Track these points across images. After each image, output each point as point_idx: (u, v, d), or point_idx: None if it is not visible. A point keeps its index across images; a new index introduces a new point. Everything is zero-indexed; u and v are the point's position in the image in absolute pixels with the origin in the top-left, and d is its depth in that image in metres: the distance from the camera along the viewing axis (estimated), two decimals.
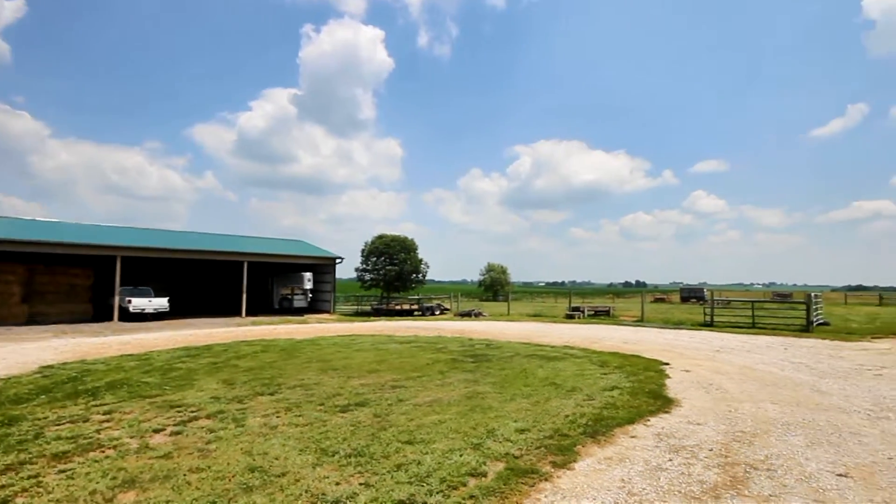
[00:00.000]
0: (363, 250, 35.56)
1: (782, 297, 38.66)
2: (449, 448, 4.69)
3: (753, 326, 17.64)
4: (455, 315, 26.18)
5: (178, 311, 25.21)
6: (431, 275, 38.10)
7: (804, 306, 17.55)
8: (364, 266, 35.38)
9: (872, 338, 14.68)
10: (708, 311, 19.19)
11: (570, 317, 22.40)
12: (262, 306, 30.80)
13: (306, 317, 25.33)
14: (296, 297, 28.82)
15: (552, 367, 9.08)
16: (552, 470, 4.18)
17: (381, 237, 35.32)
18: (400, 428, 5.34)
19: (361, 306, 33.28)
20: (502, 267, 61.01)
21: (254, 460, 4.40)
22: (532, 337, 14.64)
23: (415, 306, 28.33)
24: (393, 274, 33.70)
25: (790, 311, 20.28)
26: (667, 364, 9.52)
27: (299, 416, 5.89)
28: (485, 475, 4.05)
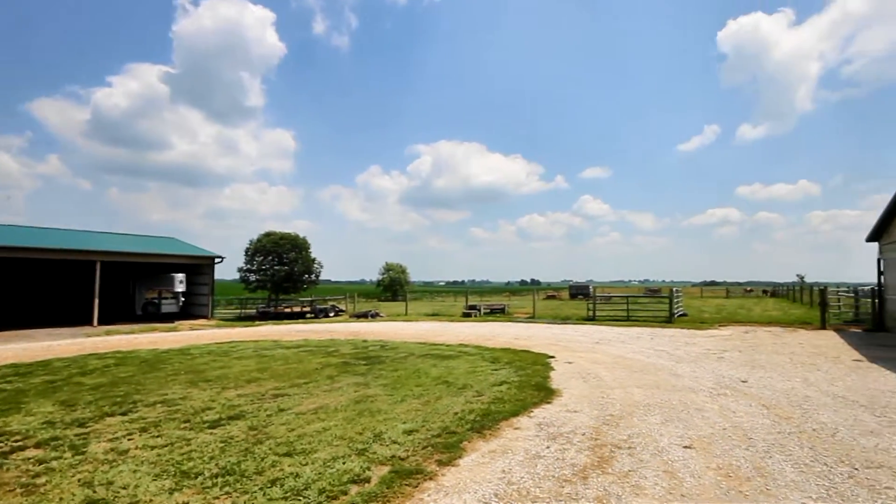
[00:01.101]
0: (248, 249, 32.98)
1: (653, 292, 44.57)
2: (332, 456, 4.54)
3: (628, 319, 20.07)
4: (351, 317, 25.58)
5: (10, 321, 20.92)
6: (327, 275, 36.80)
7: (668, 300, 20.43)
8: (248, 266, 32.84)
9: (719, 326, 17.62)
10: (591, 306, 21.39)
11: (466, 315, 23.26)
12: (122, 313, 26.89)
13: (177, 323, 22.71)
14: (164, 301, 25.67)
15: (446, 365, 9.32)
16: (437, 468, 4.27)
17: (268, 235, 33.08)
18: (278, 440, 5.03)
19: (246, 310, 30.81)
20: (402, 266, 61.20)
21: (94, 492, 3.81)
22: (428, 337, 14.89)
23: (307, 308, 27.05)
24: (282, 274, 31.79)
25: (657, 305, 23.47)
26: (552, 357, 10.36)
27: (157, 436, 5.24)
28: (368, 481, 3.99)
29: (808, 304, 28.00)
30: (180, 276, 25.53)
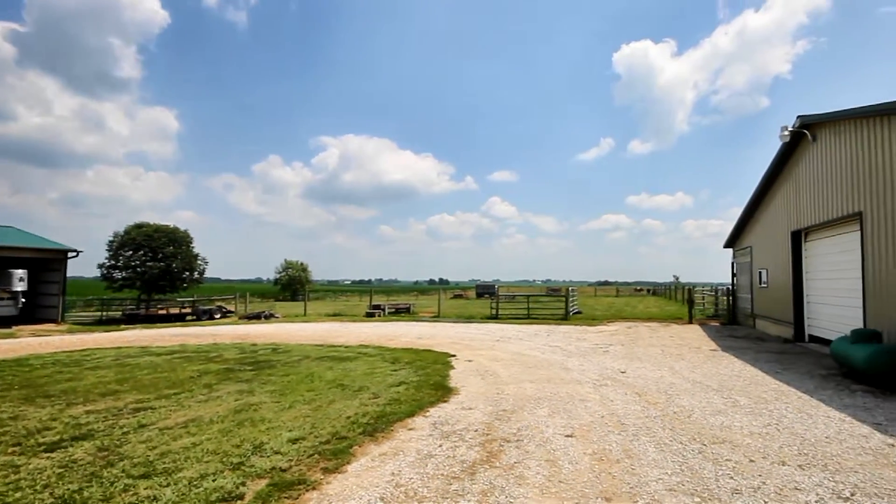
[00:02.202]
0: (112, 242, 29.06)
1: (554, 291, 47.95)
2: (200, 474, 4.17)
3: (528, 317, 21.36)
4: (241, 318, 23.81)
5: None
6: (216, 272, 34.00)
7: (564, 299, 22.12)
8: (113, 262, 28.94)
9: (608, 322, 19.50)
10: (494, 305, 22.39)
11: (370, 315, 22.98)
12: None
13: (15, 329, 19.28)
14: None
15: (343, 367, 9.09)
16: (322, 477, 4.13)
17: (139, 227, 29.46)
18: (135, 460, 4.49)
19: (109, 312, 27.12)
20: (303, 264, 58.63)
21: None
22: (327, 338, 14.43)
23: (187, 310, 24.63)
24: (157, 272, 28.54)
25: (555, 303, 25.29)
26: (453, 356, 10.64)
27: None
28: (241, 497, 3.72)
29: (680, 301, 32.22)
30: (20, 273, 21.66)
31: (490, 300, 24.91)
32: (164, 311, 24.82)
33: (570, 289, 24.28)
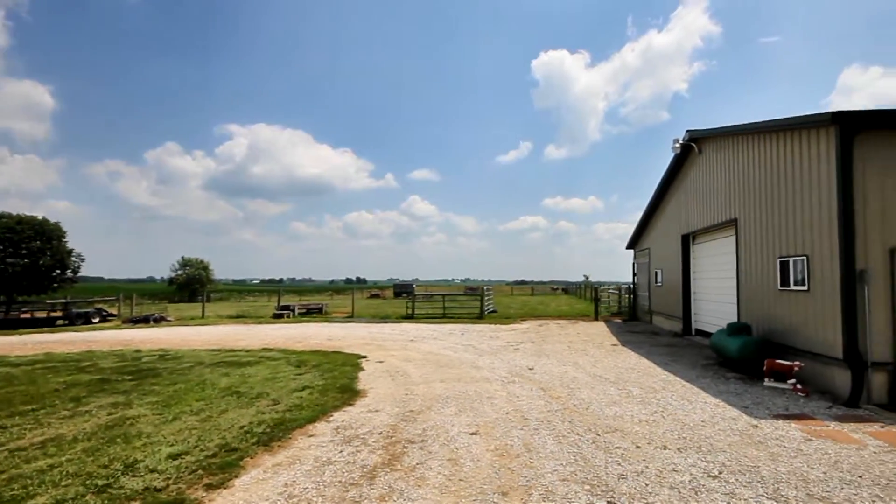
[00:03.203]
0: None
1: (472, 290, 49.17)
2: (56, 500, 3.65)
3: (444, 316, 21.64)
4: (125, 322, 21.43)
5: None
6: (98, 271, 30.34)
7: (479, 298, 22.72)
8: None
9: (521, 320, 20.33)
10: (410, 304, 22.39)
11: (278, 316, 21.88)
12: None
13: None
14: None
15: (241, 373, 8.52)
16: (204, 494, 3.81)
17: None
18: None
19: None
20: (203, 262, 54.26)
21: None
22: (227, 342, 13.47)
23: (58, 313, 21.67)
24: (19, 269, 24.79)
25: (472, 302, 25.89)
26: (364, 357, 10.44)
27: None
28: None
29: (590, 299, 34.61)
30: None
31: (407, 300, 24.88)
32: (27, 315, 21.60)
33: (485, 288, 25.00)
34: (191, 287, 50.88)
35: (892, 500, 3.76)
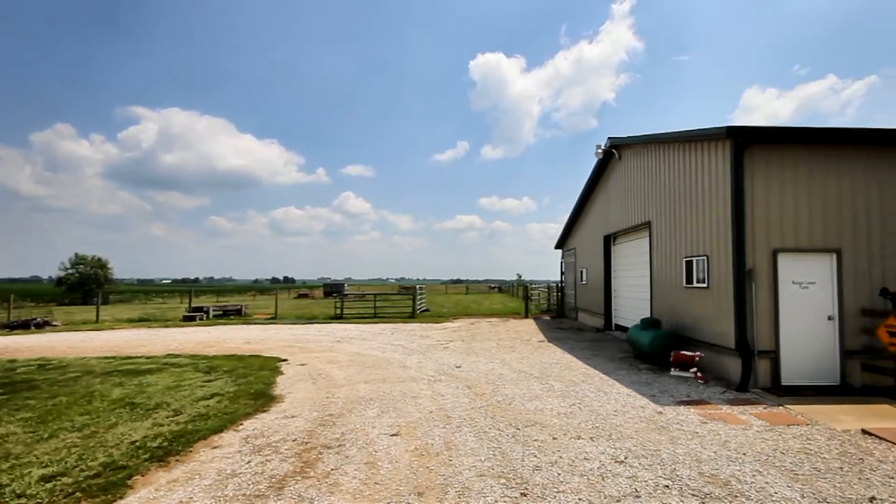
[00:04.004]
0: None
1: (406, 289, 49.03)
2: None
3: (375, 316, 21.40)
4: None
5: None
6: None
7: (411, 297, 22.72)
8: None
9: (453, 319, 20.58)
10: (339, 304, 21.89)
11: (189, 319, 20.46)
12: None
13: None
14: None
15: (138, 382, 7.85)
16: None
17: None
18: None
19: None
20: (101, 260, 49.48)
21: None
22: (124, 348, 12.36)
23: None
24: None
25: (404, 301, 25.83)
26: (285, 360, 10.05)
27: None
28: None
29: (521, 298, 35.82)
30: None
31: (336, 299, 24.31)
32: None
33: (417, 287, 25.04)
34: (85, 288, 46.10)
35: (769, 473, 4.24)
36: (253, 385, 7.67)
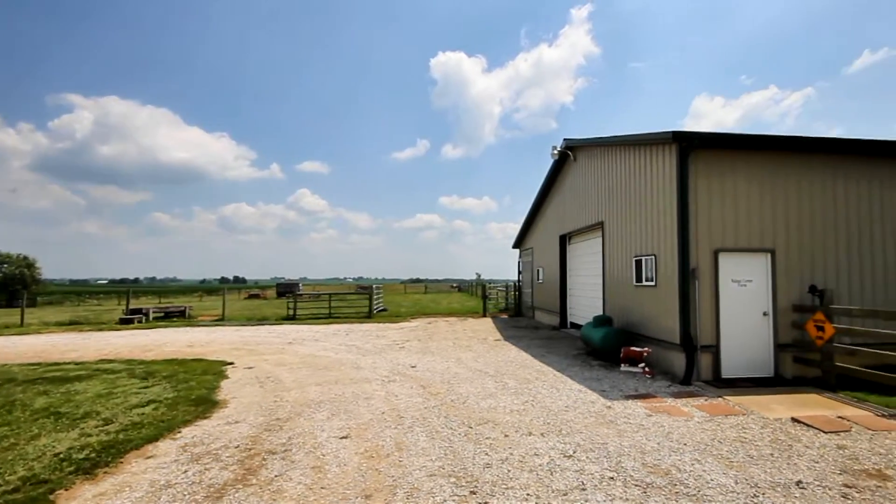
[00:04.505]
0: None
1: (363, 289, 48.40)
2: None
3: (330, 316, 21.02)
4: None
5: None
6: None
7: (368, 297, 22.48)
8: None
9: (410, 318, 20.51)
10: (291, 304, 21.34)
11: (126, 322, 19.37)
12: None
13: None
14: None
15: (65, 390, 7.35)
16: None
17: None
18: None
19: None
20: (27, 258, 46.11)
21: None
22: (52, 354, 11.55)
23: None
24: None
25: (361, 301, 25.52)
26: (231, 364, 9.69)
27: None
28: None
29: (480, 297, 36.17)
30: None
31: (288, 300, 23.67)
32: None
33: (374, 286, 24.81)
34: (9, 289, 42.77)
35: (707, 461, 4.48)
36: (194, 390, 7.35)
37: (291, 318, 20.34)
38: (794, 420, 5.74)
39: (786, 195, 8.30)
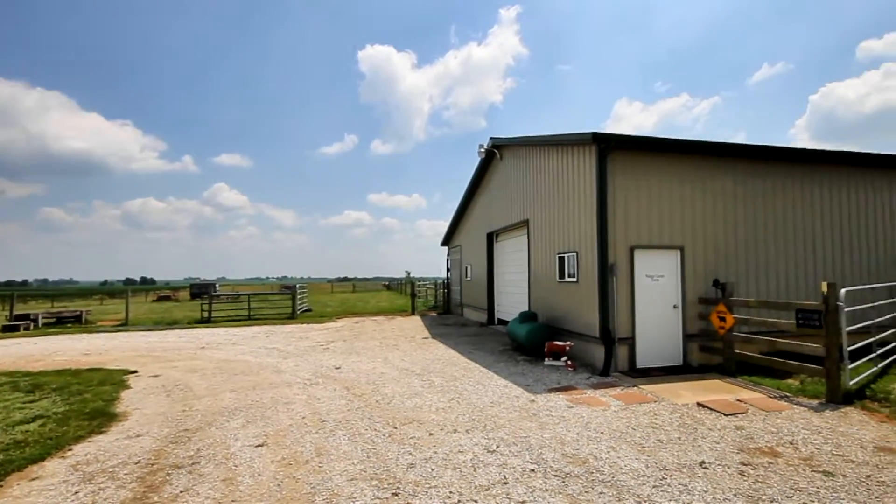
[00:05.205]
0: None
1: (287, 288, 46.53)
2: None
3: (250, 318, 20.01)
4: None
5: None
6: None
7: (291, 297, 21.66)
8: None
9: (336, 318, 20.03)
10: (206, 307, 20.07)
11: (10, 329, 17.24)
12: None
13: None
14: None
15: None
16: None
17: None
18: None
19: None
20: None
21: None
22: None
23: None
24: None
25: (284, 301, 24.55)
26: (134, 372, 8.93)
27: None
28: None
29: (409, 295, 36.13)
30: None
31: (202, 301, 22.19)
32: None
33: (298, 286, 23.97)
34: None
35: (621, 448, 4.78)
36: (89, 403, 6.67)
37: (206, 321, 19.14)
38: (699, 405, 6.28)
39: (693, 195, 9.05)
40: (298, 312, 21.24)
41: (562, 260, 10.15)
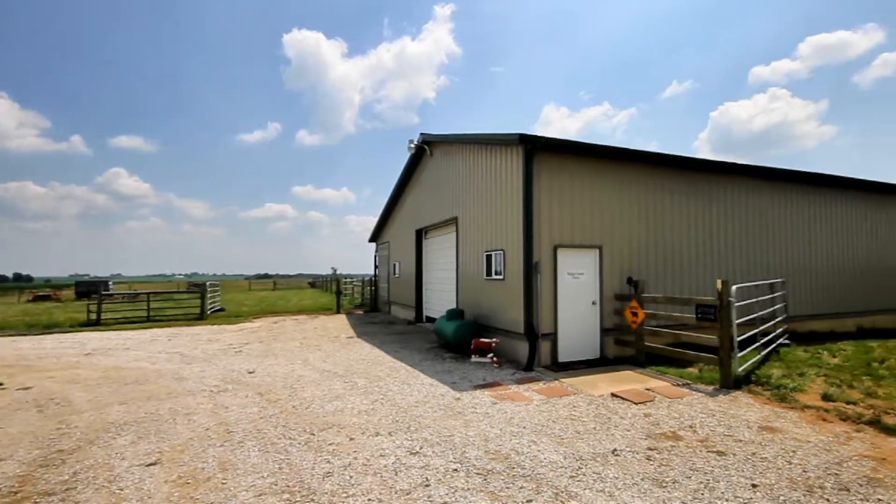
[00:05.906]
0: None
1: (197, 286, 43.39)
2: None
3: (150, 320, 18.34)
4: None
5: None
6: None
7: (200, 296, 20.17)
8: None
9: (253, 318, 18.92)
10: (94, 307, 18.10)
11: None
12: None
13: None
14: None
15: None
16: None
17: None
18: None
19: None
20: None
21: None
22: None
23: None
24: None
25: (192, 301, 22.78)
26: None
27: None
28: None
29: (335, 292, 35.10)
30: None
31: (90, 301, 19.99)
32: None
33: (207, 283, 22.39)
34: None
35: (542, 441, 4.86)
36: None
37: (94, 324, 17.26)
38: (613, 395, 6.58)
39: (611, 198, 9.52)
40: (209, 312, 19.82)
41: (489, 258, 10.26)
